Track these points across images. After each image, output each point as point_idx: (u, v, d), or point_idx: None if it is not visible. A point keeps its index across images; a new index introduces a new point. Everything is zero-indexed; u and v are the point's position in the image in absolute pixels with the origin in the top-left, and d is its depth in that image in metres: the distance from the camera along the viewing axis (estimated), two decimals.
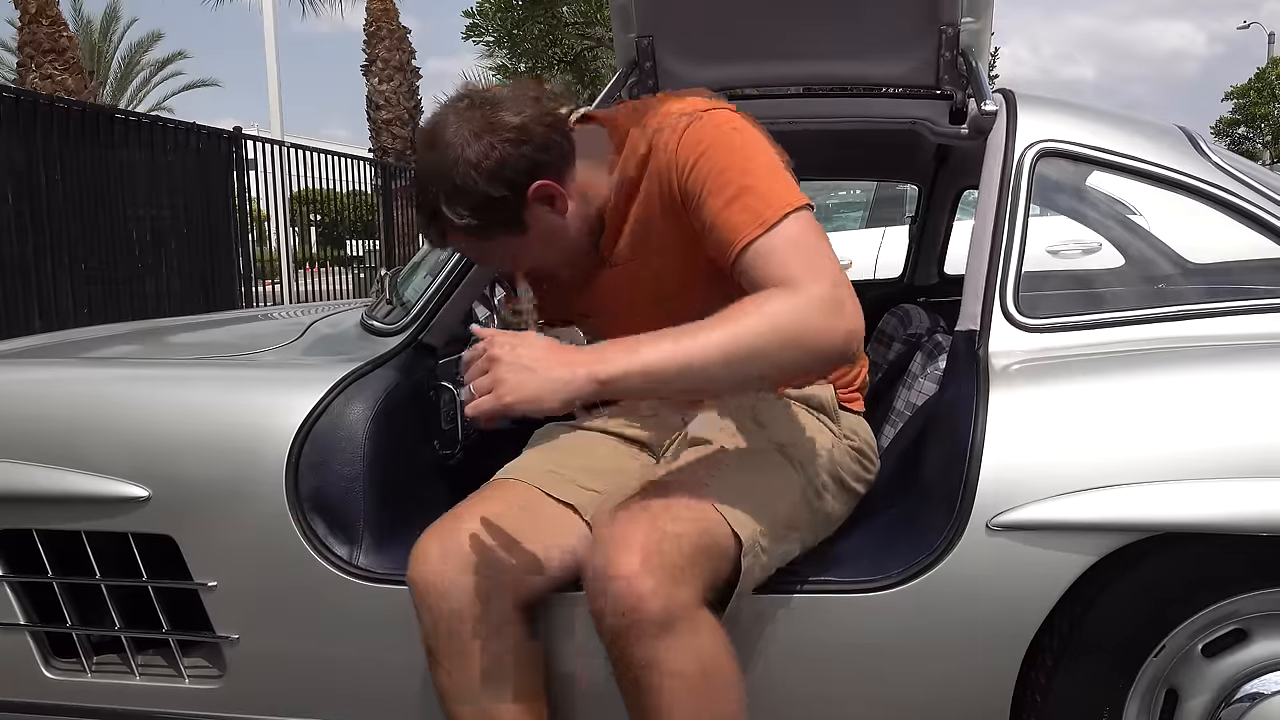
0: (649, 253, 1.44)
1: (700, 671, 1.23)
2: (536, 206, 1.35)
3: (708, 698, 1.25)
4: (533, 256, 1.43)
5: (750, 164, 1.31)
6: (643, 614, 1.20)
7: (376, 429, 1.58)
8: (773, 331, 1.19)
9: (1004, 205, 1.60)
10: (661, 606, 1.20)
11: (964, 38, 1.81)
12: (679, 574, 1.22)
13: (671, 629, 1.21)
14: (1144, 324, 1.55)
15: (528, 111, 1.32)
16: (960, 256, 1.80)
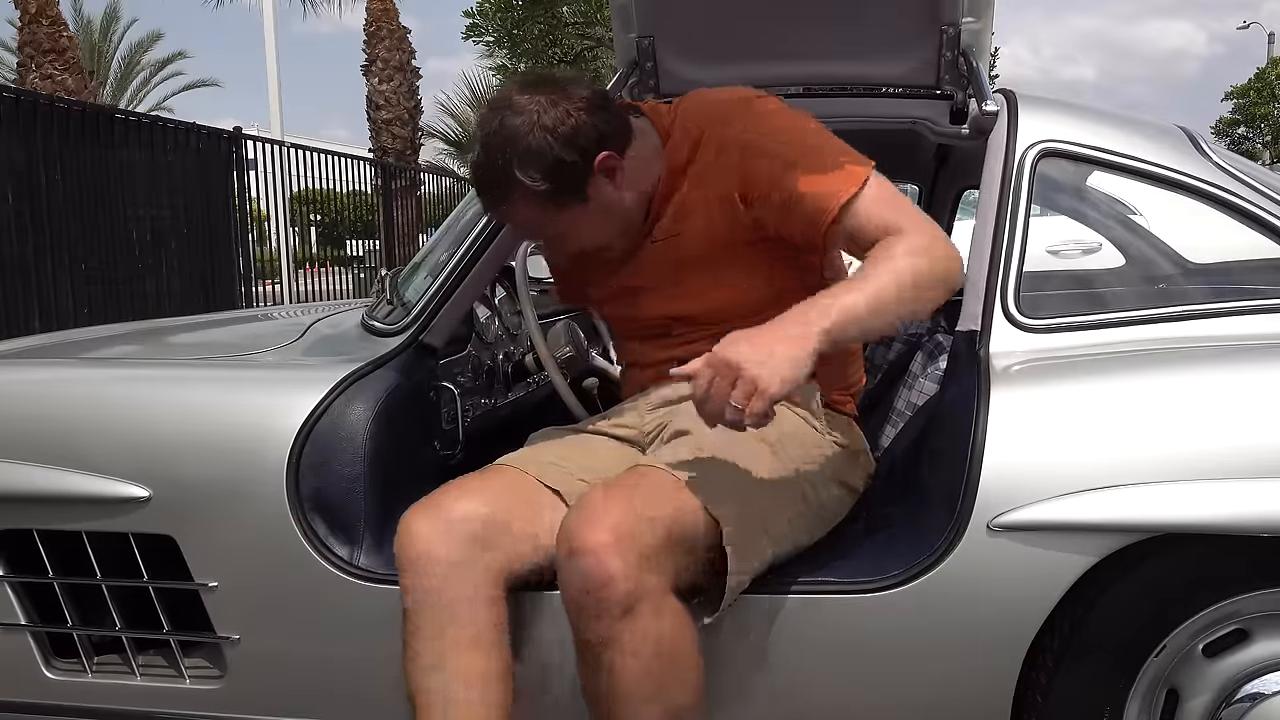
0: (686, 227, 1.51)
1: (656, 654, 1.24)
2: (600, 178, 1.44)
3: (662, 681, 1.25)
4: (588, 230, 1.50)
5: (818, 136, 1.44)
6: (607, 593, 1.21)
7: (377, 429, 1.58)
8: (917, 270, 1.31)
9: (1005, 205, 1.60)
10: (627, 589, 1.21)
11: (965, 38, 1.81)
12: (649, 557, 1.23)
13: (633, 611, 1.22)
14: (1145, 324, 1.54)
15: (593, 88, 1.44)
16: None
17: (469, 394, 1.93)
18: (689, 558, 1.30)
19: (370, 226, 10.67)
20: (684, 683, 1.28)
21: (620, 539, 1.22)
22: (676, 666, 1.27)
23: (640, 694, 1.24)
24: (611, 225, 1.51)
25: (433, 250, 2.04)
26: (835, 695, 1.45)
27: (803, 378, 1.22)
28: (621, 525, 1.23)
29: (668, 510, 1.28)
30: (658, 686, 1.25)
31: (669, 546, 1.26)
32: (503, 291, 2.29)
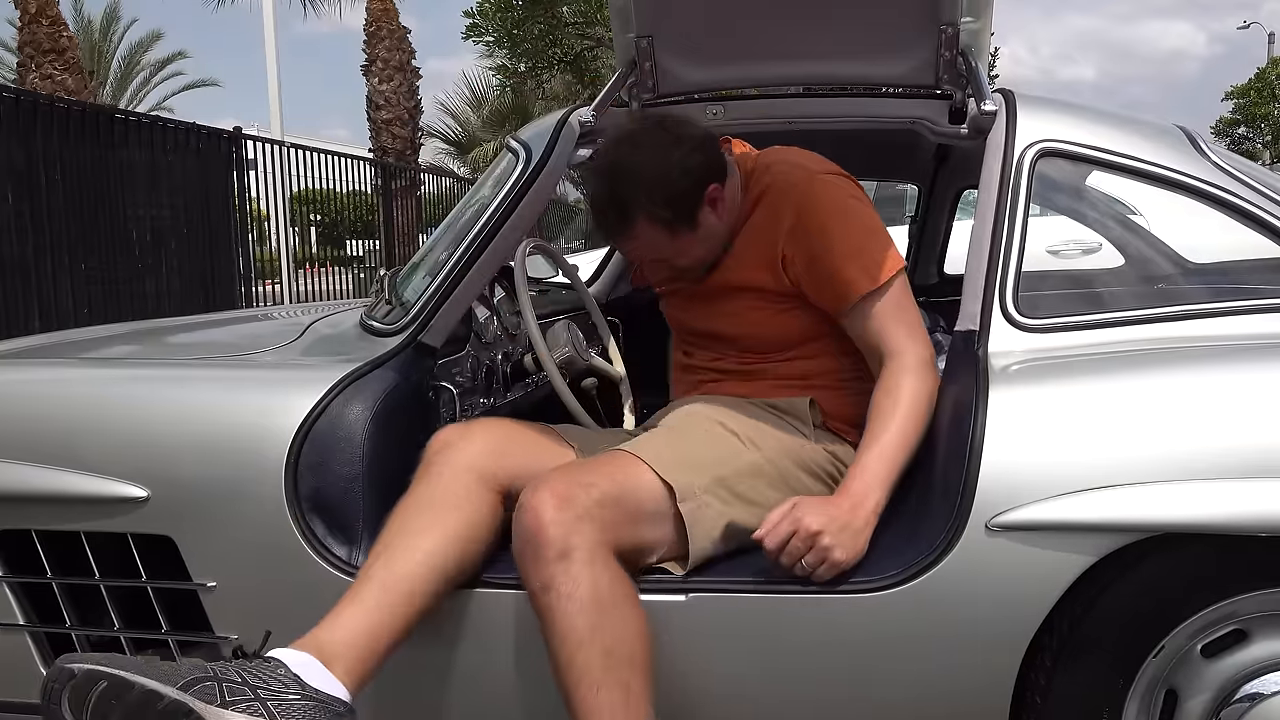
0: (735, 263, 1.71)
1: (593, 599, 1.33)
2: (707, 208, 1.64)
3: (597, 625, 1.33)
4: (690, 253, 1.69)
5: (863, 228, 1.63)
6: (542, 539, 1.34)
7: (376, 429, 1.58)
8: (921, 409, 1.54)
9: (1004, 205, 1.60)
10: (559, 534, 1.34)
11: (964, 38, 1.81)
12: (583, 514, 1.36)
13: (567, 557, 1.34)
14: (1144, 324, 1.55)
15: (702, 127, 1.67)
16: (960, 256, 1.80)
17: (468, 394, 1.93)
18: (636, 523, 1.43)
19: (370, 226, 10.67)
20: (621, 631, 1.34)
21: (557, 497, 1.37)
22: (613, 613, 1.34)
23: (575, 636, 1.33)
24: (708, 249, 1.70)
25: (432, 250, 2.04)
26: (834, 694, 1.45)
27: (865, 547, 1.43)
28: (558, 487, 1.38)
29: (610, 477, 1.43)
30: (592, 629, 1.33)
31: (604, 505, 1.38)
32: (501, 291, 2.29)
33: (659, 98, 2.01)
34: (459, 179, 14.32)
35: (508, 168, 1.87)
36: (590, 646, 1.32)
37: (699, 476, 1.50)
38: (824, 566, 1.40)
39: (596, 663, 1.32)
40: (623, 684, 1.32)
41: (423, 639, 1.52)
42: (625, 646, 1.34)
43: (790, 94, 2.11)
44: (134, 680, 1.17)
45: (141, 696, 1.17)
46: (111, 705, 1.16)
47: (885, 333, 1.60)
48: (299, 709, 1.24)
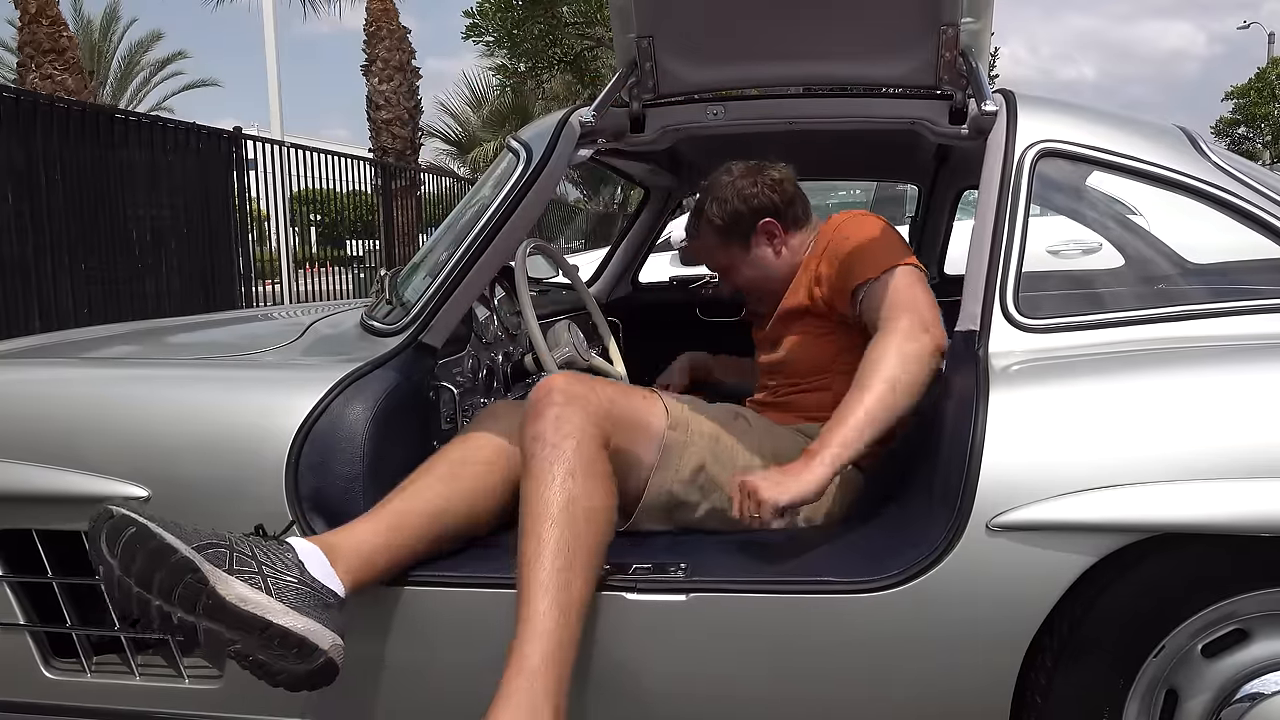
0: (789, 296, 1.93)
1: (575, 455, 1.46)
2: (761, 235, 1.96)
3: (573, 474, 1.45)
4: (743, 271, 2.01)
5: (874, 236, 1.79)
6: (547, 400, 1.51)
7: (376, 429, 1.58)
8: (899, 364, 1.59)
9: (1004, 205, 1.60)
10: (562, 403, 1.50)
11: (964, 38, 1.80)
12: (588, 399, 1.53)
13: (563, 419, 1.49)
14: (1144, 324, 1.55)
15: (787, 179, 1.98)
16: (960, 256, 1.80)
17: (468, 394, 1.93)
18: (632, 431, 1.60)
19: (370, 226, 10.66)
20: (589, 491, 1.46)
21: (569, 381, 1.56)
22: (584, 476, 1.46)
23: (547, 478, 1.45)
24: (760, 275, 1.99)
25: (432, 250, 2.04)
26: (834, 694, 1.45)
27: (811, 493, 1.50)
28: (574, 379, 1.57)
29: (619, 391, 1.63)
30: (565, 476, 1.45)
31: (611, 408, 1.56)
32: (502, 292, 2.29)
33: (659, 98, 2.01)
34: (459, 179, 14.32)
35: (508, 168, 1.87)
36: (558, 489, 1.44)
37: (698, 425, 1.68)
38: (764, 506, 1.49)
39: (558, 502, 1.43)
40: (574, 527, 1.42)
41: (415, 638, 1.53)
42: (586, 502, 1.45)
43: (791, 94, 2.11)
44: (156, 532, 1.35)
45: (159, 546, 1.34)
46: (136, 549, 1.34)
47: (877, 312, 1.69)
48: (294, 590, 1.38)
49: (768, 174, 1.96)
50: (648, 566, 1.50)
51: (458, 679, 1.53)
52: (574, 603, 1.38)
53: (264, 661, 1.37)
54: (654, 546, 1.61)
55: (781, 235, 1.96)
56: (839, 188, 6.46)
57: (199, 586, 1.33)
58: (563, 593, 1.37)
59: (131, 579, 1.34)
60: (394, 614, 1.52)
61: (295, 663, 1.38)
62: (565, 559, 1.39)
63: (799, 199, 1.99)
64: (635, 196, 12.52)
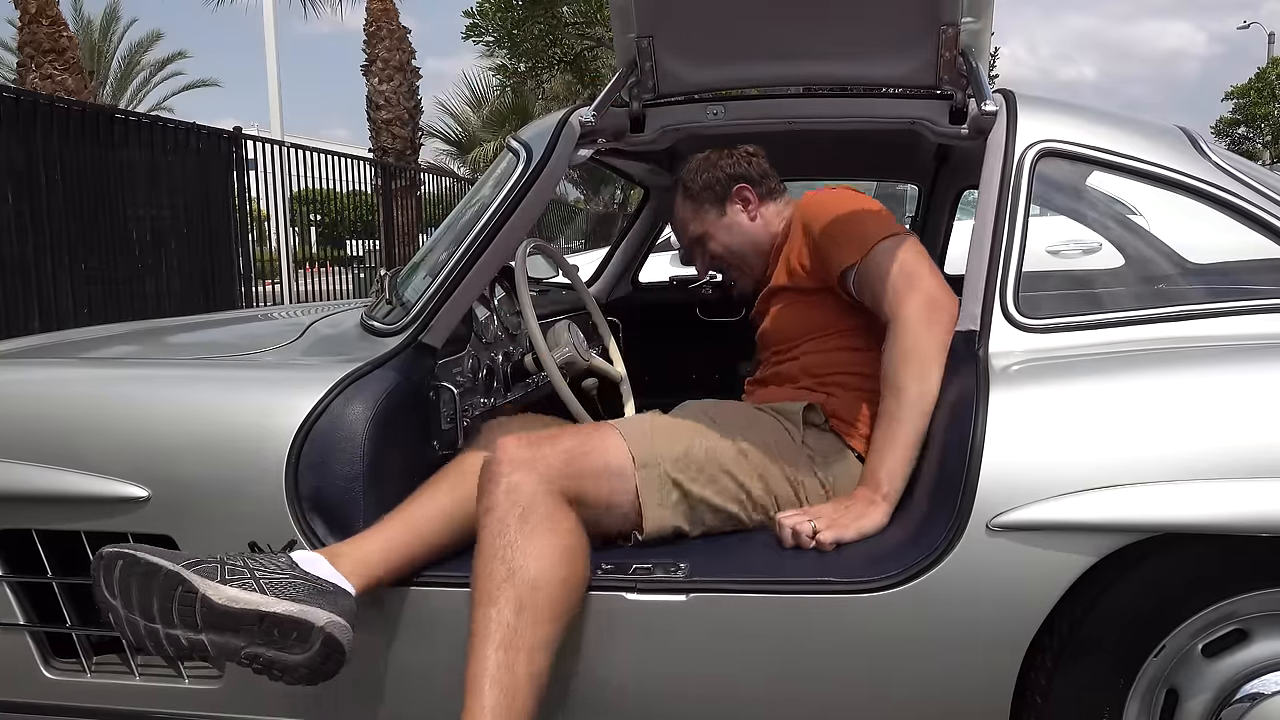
0: (775, 274, 1.96)
1: (520, 521, 1.43)
2: (736, 201, 2.03)
3: (516, 540, 1.41)
4: (718, 239, 2.06)
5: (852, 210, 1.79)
6: (496, 468, 1.48)
7: (376, 429, 1.58)
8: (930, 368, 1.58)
9: (1004, 205, 1.60)
10: (511, 465, 1.47)
11: (964, 38, 1.80)
12: (542, 462, 1.49)
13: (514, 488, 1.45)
14: (1144, 324, 1.55)
15: (759, 154, 2.07)
16: (960, 256, 1.80)
17: (468, 394, 1.93)
18: (597, 478, 1.54)
19: (370, 226, 10.66)
20: (536, 556, 1.40)
21: (519, 446, 1.51)
22: (532, 539, 1.42)
23: (488, 550, 1.42)
24: (736, 241, 2.04)
25: (432, 250, 2.04)
26: (834, 694, 1.45)
27: (873, 531, 1.53)
28: (525, 443, 1.52)
29: (575, 440, 1.57)
30: (506, 547, 1.41)
31: (568, 465, 1.51)
32: (502, 292, 2.29)
33: (659, 98, 2.01)
34: (459, 179, 14.31)
35: (508, 168, 1.87)
36: (498, 562, 1.40)
37: (667, 449, 1.61)
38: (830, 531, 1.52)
39: (498, 576, 1.40)
40: (517, 604, 1.38)
41: (415, 638, 1.52)
42: (531, 569, 1.40)
43: (791, 94, 2.11)
44: (142, 557, 1.39)
45: (148, 569, 1.38)
46: (130, 580, 1.38)
47: (880, 297, 1.68)
48: (285, 583, 1.40)
49: (742, 149, 2.07)
50: (648, 566, 1.50)
51: (459, 680, 1.53)
52: (518, 681, 1.36)
53: (272, 658, 1.39)
54: (654, 546, 1.60)
55: (756, 201, 2.03)
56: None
57: (191, 598, 1.36)
58: (506, 673, 1.36)
59: (136, 613, 1.38)
60: (395, 614, 1.52)
61: (298, 650, 1.39)
62: (504, 636, 1.37)
63: (772, 175, 2.07)
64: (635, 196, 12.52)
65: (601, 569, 1.49)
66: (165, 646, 1.38)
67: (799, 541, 1.53)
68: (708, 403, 1.76)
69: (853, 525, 1.53)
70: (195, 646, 1.37)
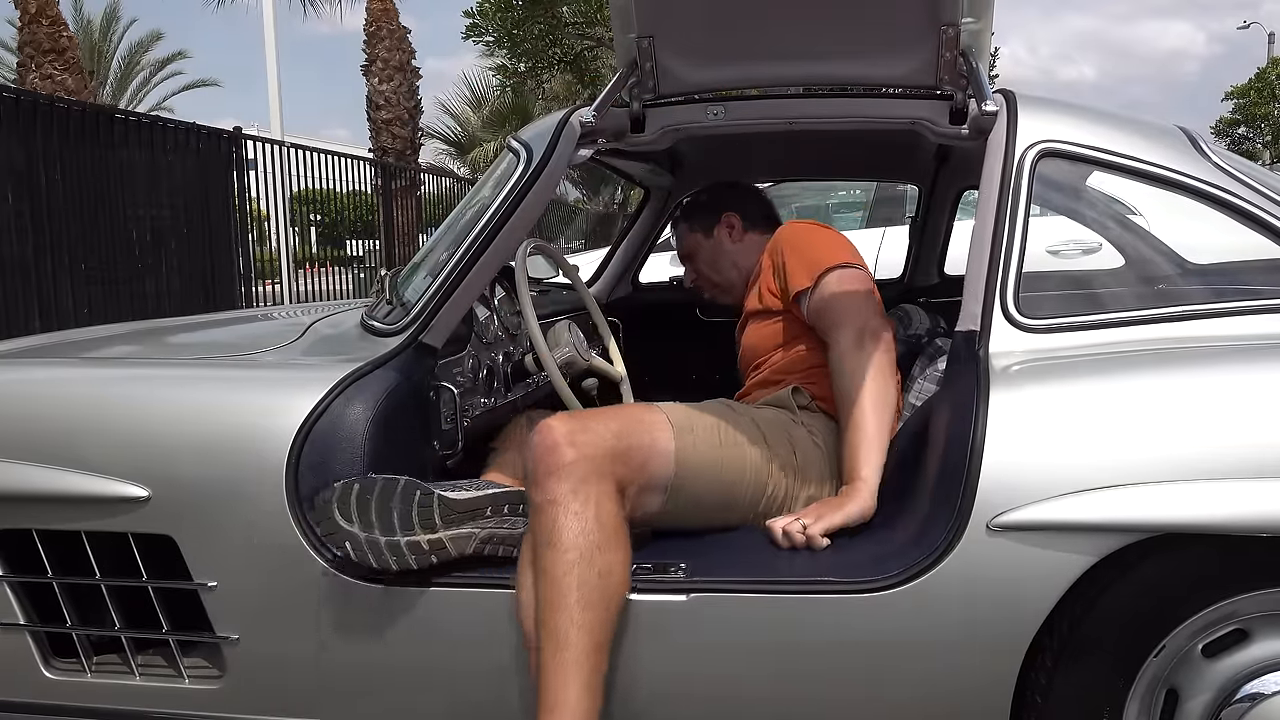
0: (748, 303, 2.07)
1: (598, 521, 1.45)
2: (722, 228, 2.22)
3: (602, 543, 1.44)
4: (703, 260, 2.26)
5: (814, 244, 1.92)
6: (555, 457, 1.47)
7: (376, 429, 1.58)
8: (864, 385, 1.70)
9: (1004, 205, 1.60)
10: (573, 457, 1.47)
11: (964, 38, 1.80)
12: (594, 445, 1.50)
13: (580, 477, 1.46)
14: (1144, 324, 1.55)
15: (758, 191, 2.32)
16: (960, 256, 1.80)
17: (468, 394, 1.93)
18: (638, 469, 1.56)
19: (370, 226, 10.65)
20: (614, 560, 1.44)
21: (571, 426, 1.52)
22: (613, 541, 1.45)
23: (577, 552, 1.42)
24: (718, 267, 2.23)
25: (432, 250, 2.04)
26: (834, 694, 1.45)
27: (857, 517, 1.59)
28: (574, 420, 1.55)
29: (625, 420, 1.60)
30: (594, 548, 1.43)
31: (615, 448, 1.53)
32: (502, 292, 2.29)
33: (660, 98, 2.01)
34: (459, 179, 14.31)
35: (508, 168, 1.87)
36: (589, 565, 1.42)
37: (701, 423, 1.69)
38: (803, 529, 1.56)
39: (591, 581, 1.42)
40: (606, 606, 1.42)
41: (419, 638, 1.52)
42: (617, 573, 1.44)
43: (791, 94, 2.10)
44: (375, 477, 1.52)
45: (384, 482, 1.51)
46: (367, 498, 1.49)
47: (821, 326, 1.83)
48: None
49: (742, 183, 2.31)
50: (648, 567, 1.50)
51: (463, 680, 1.53)
52: (600, 680, 1.41)
53: (504, 535, 1.55)
54: (654, 546, 1.61)
55: (739, 230, 2.20)
56: (839, 188, 6.45)
57: (429, 499, 1.49)
58: (594, 675, 1.40)
59: (376, 530, 1.46)
60: (398, 614, 1.52)
61: (522, 524, 1.54)
62: (596, 639, 1.41)
63: (766, 209, 2.26)
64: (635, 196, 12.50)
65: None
66: (407, 556, 1.46)
67: (792, 541, 1.55)
68: (725, 399, 1.86)
69: (840, 510, 1.58)
70: (435, 547, 1.48)
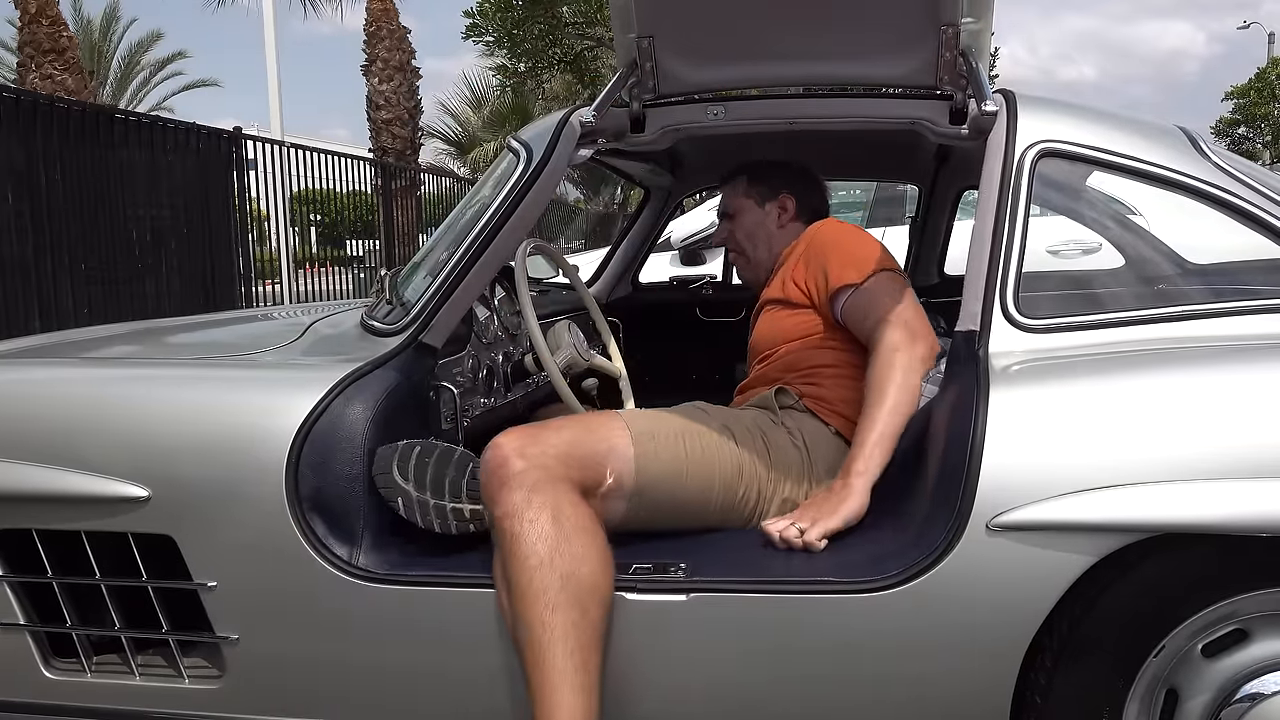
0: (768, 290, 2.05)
1: (554, 523, 1.43)
2: (776, 205, 2.15)
3: (557, 546, 1.42)
4: (743, 225, 2.18)
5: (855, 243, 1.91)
6: (505, 470, 1.47)
7: (376, 429, 1.58)
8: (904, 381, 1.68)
9: (1004, 205, 1.60)
10: (523, 467, 1.46)
11: (964, 38, 1.80)
12: (546, 453, 1.49)
13: (532, 486, 1.45)
14: (1144, 324, 1.55)
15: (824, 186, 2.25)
16: (960, 256, 1.80)
17: (468, 394, 1.93)
18: (594, 474, 1.54)
19: (370, 226, 10.65)
20: (581, 556, 1.42)
21: (520, 438, 1.51)
22: (573, 540, 1.43)
23: (535, 559, 1.41)
24: (757, 240, 2.16)
25: (432, 250, 2.04)
26: (835, 694, 1.45)
27: (853, 516, 1.57)
28: (524, 433, 1.53)
29: (576, 429, 1.58)
30: (552, 553, 1.41)
31: (569, 454, 1.52)
32: (502, 292, 2.29)
33: (660, 98, 2.01)
34: (459, 179, 14.31)
35: (508, 168, 1.87)
36: (550, 569, 1.40)
37: (663, 428, 1.66)
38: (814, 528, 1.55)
39: (554, 584, 1.39)
40: (580, 606, 1.39)
41: (417, 638, 1.52)
42: (584, 571, 1.41)
43: (791, 94, 2.11)
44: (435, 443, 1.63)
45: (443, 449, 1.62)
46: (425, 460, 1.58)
47: (868, 318, 1.78)
48: None
49: (811, 171, 2.23)
50: (648, 566, 1.50)
51: (463, 680, 1.53)
52: (592, 679, 1.39)
53: None
54: (654, 546, 1.61)
55: (790, 214, 2.13)
56: (839, 187, 6.44)
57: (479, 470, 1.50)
58: (581, 675, 1.38)
59: (427, 492, 1.54)
60: (396, 614, 1.52)
61: None
62: (576, 639, 1.38)
63: (820, 207, 2.19)
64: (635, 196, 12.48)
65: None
66: (450, 520, 1.55)
67: (789, 545, 1.55)
68: (699, 402, 1.83)
69: (836, 514, 1.57)
70: (474, 518, 1.55)
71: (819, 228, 1.99)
